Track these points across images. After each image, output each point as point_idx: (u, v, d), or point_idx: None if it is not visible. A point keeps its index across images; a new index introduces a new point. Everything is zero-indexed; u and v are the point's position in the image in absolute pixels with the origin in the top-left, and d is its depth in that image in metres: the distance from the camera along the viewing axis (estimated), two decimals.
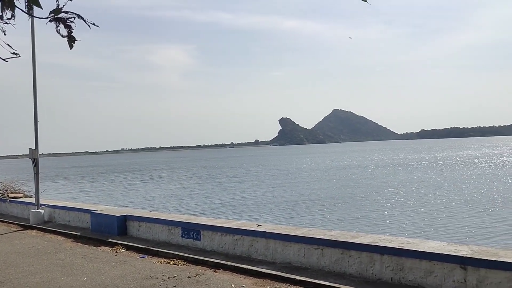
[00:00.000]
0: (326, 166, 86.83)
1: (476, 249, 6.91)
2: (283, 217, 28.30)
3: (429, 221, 25.36)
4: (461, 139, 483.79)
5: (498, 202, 31.02)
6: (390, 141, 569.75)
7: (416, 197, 35.28)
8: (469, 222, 24.73)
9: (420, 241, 7.84)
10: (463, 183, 44.11)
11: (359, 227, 23.73)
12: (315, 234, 9.11)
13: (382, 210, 29.66)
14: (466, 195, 35.75)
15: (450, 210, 28.91)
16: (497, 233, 21.74)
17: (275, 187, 47.41)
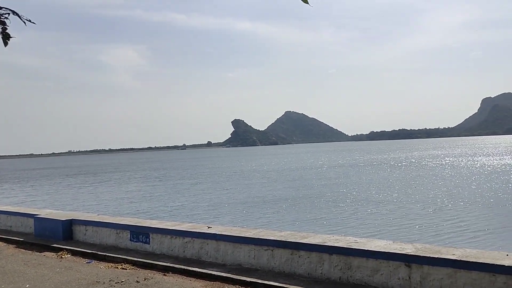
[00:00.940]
0: (280, 167, 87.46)
1: (420, 247, 7.10)
2: (237, 219, 28.27)
3: (378, 221, 25.95)
4: (408, 140, 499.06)
5: (446, 202, 32.14)
6: (341, 143, 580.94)
7: (367, 197, 36.04)
8: (417, 220, 25.46)
9: (368, 240, 7.99)
10: (413, 183, 45.45)
11: (311, 227, 24.00)
12: (265, 235, 9.12)
13: (334, 210, 30.13)
14: (415, 194, 36.84)
15: (400, 209, 29.69)
16: (442, 231, 22.50)
17: (229, 189, 47.32)
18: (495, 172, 54.65)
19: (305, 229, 22.52)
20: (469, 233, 21.97)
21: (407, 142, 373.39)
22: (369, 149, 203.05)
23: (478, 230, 22.49)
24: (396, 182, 47.07)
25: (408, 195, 36.51)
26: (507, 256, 6.26)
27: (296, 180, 55.35)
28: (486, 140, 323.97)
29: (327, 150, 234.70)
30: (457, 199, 32.84)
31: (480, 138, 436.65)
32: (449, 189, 39.28)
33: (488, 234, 21.51)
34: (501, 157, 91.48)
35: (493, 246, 18.58)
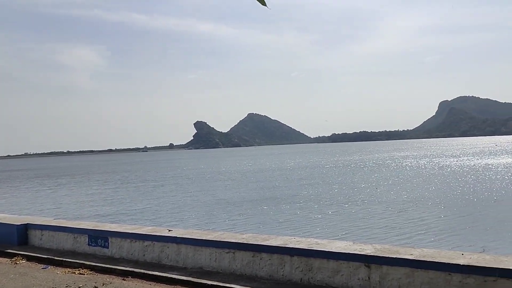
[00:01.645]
0: (243, 169, 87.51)
1: (379, 248, 7.20)
2: (201, 222, 28.08)
3: (341, 222, 26.27)
4: (369, 142, 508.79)
5: (408, 202, 32.82)
6: (304, 145, 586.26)
7: (330, 198, 36.44)
8: (380, 221, 25.90)
9: (328, 242, 8.05)
10: (376, 184, 46.26)
11: (273, 230, 24.07)
12: (226, 238, 9.08)
13: (298, 212, 30.32)
14: (378, 195, 37.49)
15: (364, 210, 30.13)
16: (403, 231, 22.96)
17: (193, 192, 46.99)
18: (454, 173, 56.27)
19: (268, 231, 22.57)
20: (429, 233, 22.50)
21: (368, 144, 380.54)
22: (332, 151, 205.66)
23: (437, 230, 23.05)
24: (360, 183, 47.81)
25: (372, 196, 37.13)
26: (462, 255, 6.41)
27: (260, 182, 55.50)
28: (443, 142, 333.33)
29: (290, 152, 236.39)
30: (419, 200, 33.60)
31: (438, 140, 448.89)
32: (411, 190, 40.15)
33: (446, 234, 22.08)
34: (459, 158, 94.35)
35: (450, 246, 19.07)
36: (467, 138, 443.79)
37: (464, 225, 24.47)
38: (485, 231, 23.10)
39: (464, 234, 22.40)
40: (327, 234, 22.30)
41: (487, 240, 21.11)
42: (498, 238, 21.50)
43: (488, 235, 22.28)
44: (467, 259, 6.17)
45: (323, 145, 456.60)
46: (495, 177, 49.21)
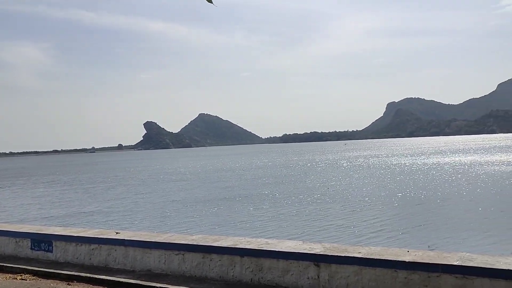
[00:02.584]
0: (195, 170, 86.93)
1: (328, 246, 7.28)
2: (153, 223, 27.67)
3: (293, 221, 26.50)
4: (320, 143, 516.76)
5: (360, 201, 33.47)
6: (255, 145, 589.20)
7: (284, 198, 36.69)
8: (331, 220, 26.30)
9: (278, 241, 8.06)
10: (328, 184, 46.96)
11: (225, 230, 23.99)
12: (176, 240, 8.93)
13: (251, 212, 30.37)
14: (330, 195, 38.06)
15: (316, 209, 30.52)
16: (355, 230, 23.39)
17: (144, 193, 46.25)
18: (403, 173, 57.94)
19: (219, 232, 22.49)
20: (379, 231, 23.04)
21: (319, 145, 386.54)
22: (284, 151, 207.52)
23: (387, 229, 23.63)
24: (312, 183, 48.42)
25: (324, 195, 37.65)
26: (408, 252, 6.56)
27: (213, 182, 55.31)
28: (391, 142, 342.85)
29: (242, 152, 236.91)
30: (371, 199, 34.35)
31: (386, 140, 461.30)
32: (362, 189, 41.01)
33: (396, 232, 22.66)
34: (408, 158, 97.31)
35: (399, 244, 19.58)
36: (414, 139, 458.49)
37: (413, 223, 25.21)
38: (432, 229, 23.88)
39: (413, 231, 23.08)
40: (279, 233, 22.44)
41: (434, 237, 21.83)
42: (444, 235, 22.27)
43: (435, 232, 23.05)
44: (412, 256, 6.32)
45: (274, 146, 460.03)
46: (442, 176, 51.05)
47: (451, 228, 23.63)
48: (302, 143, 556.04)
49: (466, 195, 35.27)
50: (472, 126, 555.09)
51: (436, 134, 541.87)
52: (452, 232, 22.82)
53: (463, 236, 22.13)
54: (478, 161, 76.78)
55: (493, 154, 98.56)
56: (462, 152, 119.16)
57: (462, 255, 6.17)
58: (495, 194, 35.59)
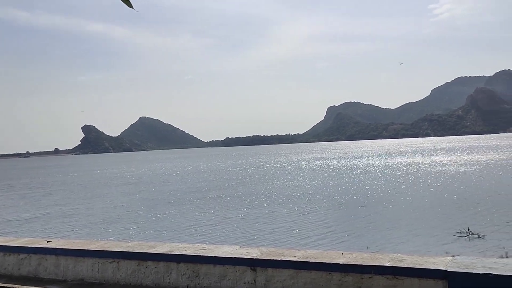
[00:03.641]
0: (136, 175, 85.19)
1: (265, 251, 7.25)
2: (91, 230, 26.87)
3: (234, 226, 26.45)
4: (263, 146, 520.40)
5: (302, 204, 33.84)
6: (198, 149, 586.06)
7: (226, 203, 36.56)
8: (272, 224, 26.44)
9: (215, 247, 7.97)
10: (274, 187, 47.22)
11: (163, 236, 23.63)
12: (110, 247, 8.64)
13: (194, 217, 30.06)
14: (273, 199, 38.25)
15: (258, 213, 30.59)
16: (295, 233, 23.63)
17: (85, 199, 44.89)
18: (346, 175, 59.23)
19: (158, 238, 22.14)
20: (320, 233, 23.43)
21: (262, 148, 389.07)
22: (227, 155, 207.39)
23: (328, 231, 24.09)
24: (259, 186, 48.55)
25: (267, 199, 37.83)
26: (342, 254, 6.64)
27: (156, 187, 54.41)
28: (332, 145, 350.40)
29: (185, 156, 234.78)
30: (313, 202, 34.88)
31: (326, 143, 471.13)
32: (307, 192, 41.57)
33: (336, 234, 23.11)
34: (348, 160, 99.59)
35: (338, 246, 19.97)
36: (353, 142, 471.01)
37: (356, 225, 25.84)
38: (373, 230, 24.55)
39: (354, 233, 23.64)
40: (219, 239, 22.36)
41: (373, 239, 22.43)
42: (382, 236, 22.94)
43: (374, 233, 23.69)
44: (346, 258, 6.40)
45: (217, 149, 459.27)
46: (382, 177, 52.61)
47: (390, 229, 24.41)
48: (245, 146, 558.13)
49: (404, 196, 36.57)
50: (409, 129, 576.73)
51: (375, 137, 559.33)
52: (389, 233, 23.55)
53: (399, 237, 22.88)
54: (415, 163, 79.82)
55: (428, 156, 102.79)
56: (400, 154, 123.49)
57: (394, 256, 6.32)
58: (432, 195, 37.12)
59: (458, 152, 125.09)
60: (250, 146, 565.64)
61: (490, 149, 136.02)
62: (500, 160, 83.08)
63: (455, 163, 78.92)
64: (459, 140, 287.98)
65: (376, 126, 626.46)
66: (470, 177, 51.48)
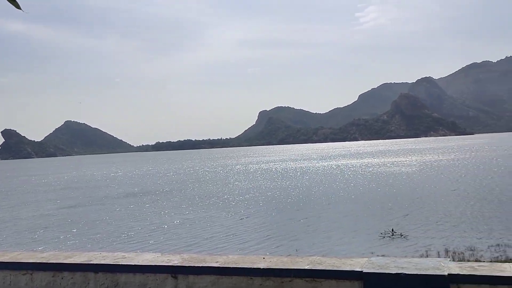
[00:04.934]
0: (61, 182, 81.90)
1: (187, 257, 7.11)
2: (4, 241, 25.40)
3: (159, 232, 25.96)
4: (194, 150, 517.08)
5: (238, 209, 33.72)
6: (127, 154, 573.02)
7: (154, 209, 35.83)
8: (200, 229, 26.17)
9: (136, 255, 7.73)
10: (208, 192, 46.78)
11: (83, 245, 22.80)
12: (23, 258, 8.16)
13: (117, 224, 29.22)
14: (209, 203, 37.89)
15: (190, 219, 30.18)
16: (222, 238, 23.53)
17: (4, 207, 42.46)
18: (279, 178, 59.87)
19: (78, 247, 21.32)
20: (248, 239, 23.46)
21: (194, 152, 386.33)
22: (158, 160, 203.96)
23: (259, 235, 24.16)
24: (192, 191, 47.98)
25: (203, 203, 37.43)
26: (263, 259, 6.61)
27: (82, 193, 52.47)
28: (263, 149, 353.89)
29: (113, 161, 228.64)
30: (248, 205, 34.92)
31: (258, 147, 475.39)
32: (240, 196, 41.54)
33: (265, 238, 23.22)
34: (282, 164, 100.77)
35: (262, 250, 20.06)
36: (284, 146, 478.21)
37: (288, 228, 26.10)
38: (303, 233, 24.92)
39: (284, 237, 23.86)
40: (144, 245, 21.87)
41: (302, 242, 22.77)
42: (311, 239, 23.34)
43: (304, 236, 24.06)
44: (267, 263, 6.38)
45: (147, 154, 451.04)
46: (314, 180, 53.64)
47: (320, 232, 24.91)
48: (176, 151, 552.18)
49: (335, 198, 37.48)
50: (337, 133, 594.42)
51: (305, 142, 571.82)
52: (318, 236, 24.02)
53: (326, 239, 23.39)
54: (345, 166, 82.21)
55: (356, 159, 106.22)
56: (330, 158, 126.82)
57: (313, 259, 6.37)
58: (361, 196, 38.31)
59: (384, 155, 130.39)
60: (181, 150, 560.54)
61: (413, 152, 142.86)
62: (424, 162, 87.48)
63: (382, 165, 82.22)
64: (385, 144, 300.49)
65: (306, 131, 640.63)
66: (396, 179, 53.76)
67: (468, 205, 33.38)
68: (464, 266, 4.55)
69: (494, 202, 34.18)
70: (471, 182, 47.97)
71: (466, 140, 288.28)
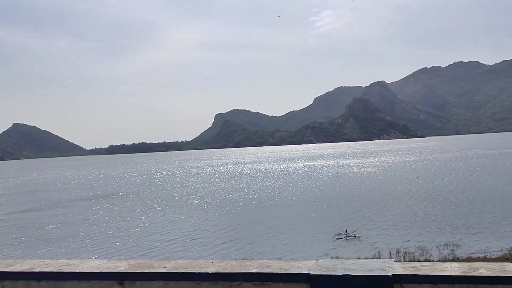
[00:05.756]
0: (10, 185, 79.02)
1: (134, 263, 6.94)
2: None
3: (112, 238, 25.40)
4: (150, 153, 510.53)
5: (195, 213, 33.36)
6: (79, 157, 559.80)
7: (104, 214, 35.04)
8: (154, 235, 25.76)
9: (81, 262, 7.49)
10: (165, 195, 46.11)
11: (25, 252, 22.07)
12: None
13: (66, 230, 28.40)
14: (164, 207, 37.31)
15: (136, 223, 29.64)
16: (175, 243, 23.23)
17: None
18: (236, 181, 59.72)
19: (22, 254, 20.60)
20: (203, 242, 23.27)
21: (149, 156, 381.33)
22: (113, 163, 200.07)
23: (216, 240, 23.99)
24: (148, 195, 47.19)
25: (158, 207, 36.86)
26: (212, 263, 6.54)
27: (30, 200, 50.74)
28: (220, 152, 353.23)
29: (66, 165, 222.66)
30: (206, 209, 34.62)
31: (215, 150, 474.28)
32: (200, 200, 41.14)
33: (223, 243, 23.08)
34: (239, 166, 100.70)
35: (212, 254, 19.94)
36: (241, 148, 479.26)
37: (242, 232, 26.04)
38: (260, 236, 24.94)
39: (242, 240, 23.80)
40: (93, 251, 21.34)
41: (255, 245, 22.77)
42: (265, 242, 23.38)
43: (259, 240, 24.08)
44: (216, 267, 6.31)
45: (100, 157, 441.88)
46: (270, 182, 53.83)
47: (277, 235, 24.98)
48: (131, 154, 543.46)
49: (292, 201, 37.73)
50: (293, 136, 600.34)
51: (261, 144, 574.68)
52: (275, 238, 24.10)
53: (282, 241, 23.50)
54: (301, 168, 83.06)
55: (312, 161, 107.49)
56: (287, 160, 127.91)
57: (262, 262, 6.34)
58: (317, 198, 38.74)
59: (339, 157, 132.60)
60: (136, 154, 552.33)
61: (367, 154, 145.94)
62: (378, 164, 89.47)
63: (338, 167, 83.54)
64: (339, 147, 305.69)
65: (263, 133, 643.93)
66: (351, 181, 54.73)
67: (421, 206, 34.39)
68: (407, 266, 4.64)
69: (445, 203, 35.36)
70: (424, 183, 49.48)
71: (417, 143, 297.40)
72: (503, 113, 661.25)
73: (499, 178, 50.42)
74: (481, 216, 29.04)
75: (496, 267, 4.37)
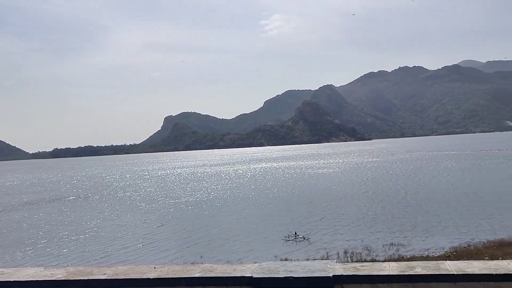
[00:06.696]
0: None
1: (72, 270, 6.69)
2: None
3: (57, 244, 24.60)
4: (96, 157, 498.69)
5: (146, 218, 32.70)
6: (21, 161, 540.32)
7: (51, 219, 33.95)
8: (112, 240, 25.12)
9: (16, 270, 7.16)
10: (110, 200, 45.01)
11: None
12: None
13: (4, 237, 27.29)
14: (109, 212, 36.39)
15: (83, 228, 28.83)
16: (126, 248, 22.74)
17: None
18: (187, 184, 59.09)
19: None
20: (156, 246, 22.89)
21: (96, 159, 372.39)
22: (58, 167, 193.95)
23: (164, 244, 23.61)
24: (99, 200, 46.01)
25: (101, 212, 35.97)
26: (154, 269, 6.42)
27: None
28: (170, 155, 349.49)
29: (7, 169, 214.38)
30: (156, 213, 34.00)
31: (164, 154, 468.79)
32: (143, 203, 40.40)
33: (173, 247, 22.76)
34: (187, 169, 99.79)
35: (162, 258, 19.67)
36: (191, 152, 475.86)
37: (199, 235, 25.79)
38: (211, 239, 24.80)
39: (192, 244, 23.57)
40: (32, 259, 20.59)
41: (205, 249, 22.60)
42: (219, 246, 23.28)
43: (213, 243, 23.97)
44: (158, 272, 6.18)
45: (44, 161, 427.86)
46: (222, 186, 53.59)
47: (228, 237, 24.91)
48: (77, 158, 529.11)
49: (242, 203, 37.76)
50: (244, 139, 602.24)
51: (212, 147, 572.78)
52: (225, 241, 24.03)
53: (232, 244, 23.44)
54: (252, 170, 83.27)
55: (262, 163, 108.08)
56: (237, 163, 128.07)
57: (205, 267, 6.27)
58: (267, 200, 38.94)
59: (290, 159, 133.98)
60: (82, 157, 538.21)
61: (317, 156, 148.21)
62: (328, 166, 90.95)
63: (288, 169, 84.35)
64: (290, 149, 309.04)
65: (213, 136, 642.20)
66: (302, 182, 55.33)
67: (371, 207, 35.20)
68: (348, 267, 4.71)
69: (393, 203, 36.35)
70: (373, 185, 50.69)
71: (366, 145, 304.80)
72: (446, 116, 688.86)
73: (443, 179, 52.41)
74: (428, 216, 30.03)
75: (432, 266, 4.54)
